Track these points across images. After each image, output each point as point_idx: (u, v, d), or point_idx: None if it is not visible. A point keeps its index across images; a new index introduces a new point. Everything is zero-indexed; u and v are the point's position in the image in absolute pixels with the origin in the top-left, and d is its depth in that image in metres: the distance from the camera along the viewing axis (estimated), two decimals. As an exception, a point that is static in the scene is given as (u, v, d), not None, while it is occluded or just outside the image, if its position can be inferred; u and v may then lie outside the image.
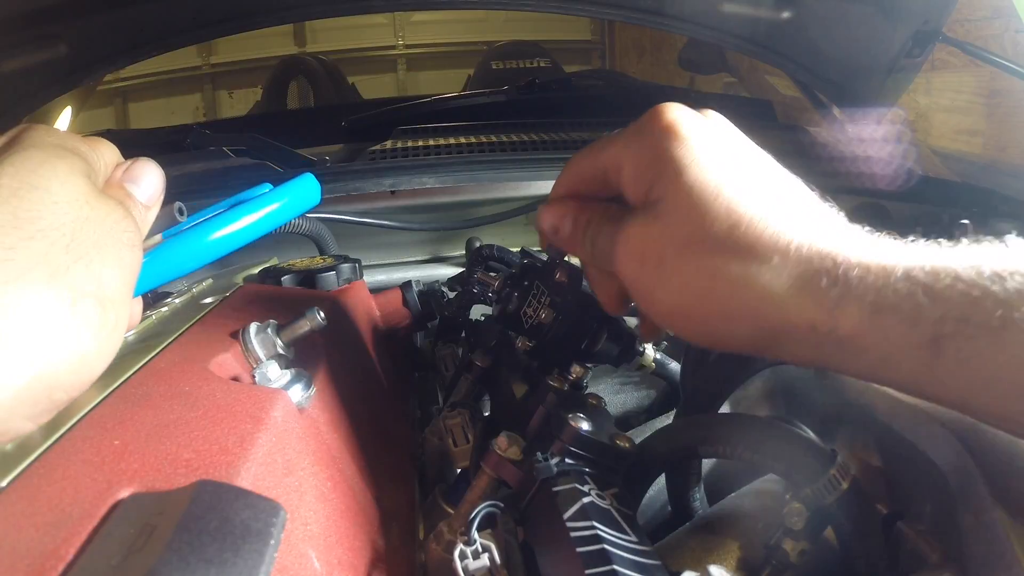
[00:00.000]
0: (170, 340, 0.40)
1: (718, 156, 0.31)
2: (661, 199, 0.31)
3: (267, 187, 0.46)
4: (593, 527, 0.28)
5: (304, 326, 0.41)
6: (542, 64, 2.02)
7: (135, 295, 0.34)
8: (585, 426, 0.34)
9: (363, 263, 0.69)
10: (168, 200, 0.34)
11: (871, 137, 0.93)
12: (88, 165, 0.29)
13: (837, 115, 1.04)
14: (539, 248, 0.70)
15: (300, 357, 0.46)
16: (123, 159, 0.33)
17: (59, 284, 0.25)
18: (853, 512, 0.31)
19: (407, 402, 0.66)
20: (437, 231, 0.89)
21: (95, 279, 0.26)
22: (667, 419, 0.53)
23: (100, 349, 0.27)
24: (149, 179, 0.33)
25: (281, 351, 0.41)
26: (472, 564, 0.31)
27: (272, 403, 0.33)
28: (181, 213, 0.35)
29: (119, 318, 0.28)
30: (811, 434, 0.34)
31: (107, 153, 0.31)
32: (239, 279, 0.64)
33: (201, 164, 0.82)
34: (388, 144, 0.92)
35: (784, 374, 0.47)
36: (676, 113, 0.32)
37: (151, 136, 1.18)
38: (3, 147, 0.27)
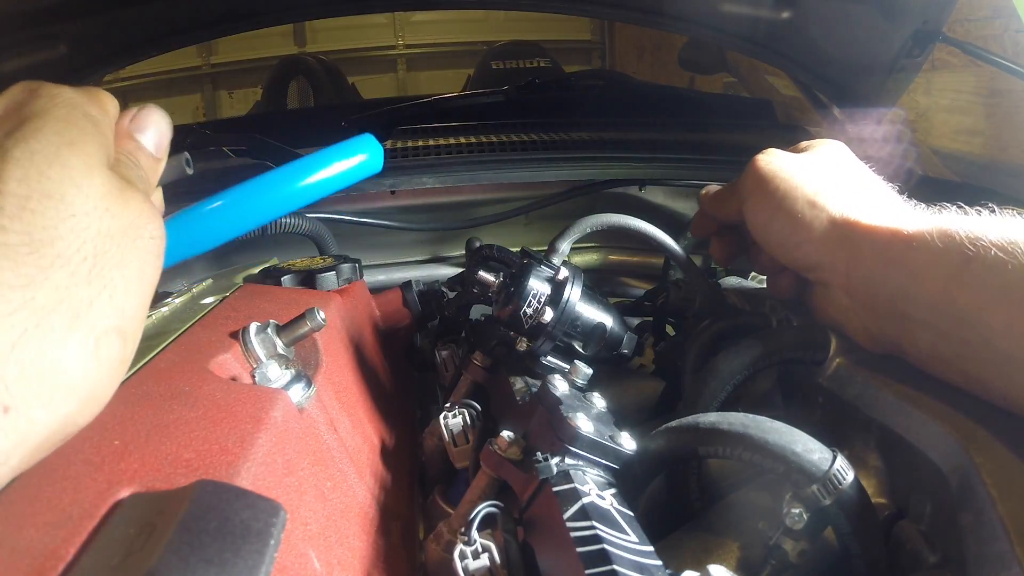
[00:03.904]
0: (170, 340, 0.40)
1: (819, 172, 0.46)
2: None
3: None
4: (593, 527, 0.28)
5: (304, 326, 0.41)
6: (542, 64, 2.02)
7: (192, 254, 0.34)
8: (585, 426, 0.34)
9: (363, 263, 0.69)
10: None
11: (871, 137, 0.93)
12: (103, 136, 0.27)
13: (837, 115, 1.04)
14: (539, 248, 0.70)
15: (300, 357, 0.46)
16: (119, 109, 0.30)
17: (82, 325, 0.23)
18: (853, 512, 0.31)
19: (407, 402, 0.66)
20: (437, 231, 0.89)
21: (118, 310, 0.24)
22: (667, 419, 0.53)
23: (114, 383, 0.26)
24: (157, 127, 0.31)
25: (281, 351, 0.41)
26: (472, 564, 0.31)
27: (272, 403, 0.33)
28: (188, 164, 0.35)
29: (136, 346, 0.26)
30: (811, 434, 0.33)
31: (110, 106, 0.29)
32: (239, 279, 0.64)
33: (201, 164, 0.82)
34: (388, 144, 0.92)
35: (784, 374, 0.47)
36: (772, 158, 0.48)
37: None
38: (2, 120, 0.24)
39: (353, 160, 0.45)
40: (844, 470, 0.31)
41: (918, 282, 0.36)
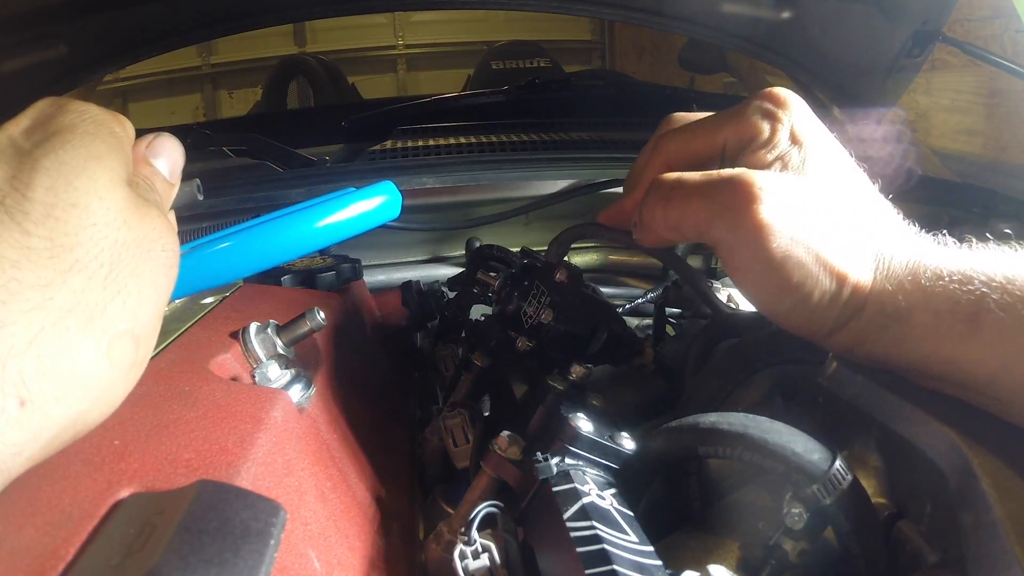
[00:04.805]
0: (170, 340, 0.40)
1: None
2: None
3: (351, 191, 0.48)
4: (593, 527, 0.28)
5: (304, 326, 0.41)
6: (542, 64, 2.02)
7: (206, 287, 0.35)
8: (585, 426, 0.34)
9: (363, 263, 0.69)
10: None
11: (871, 137, 0.93)
12: (125, 154, 0.28)
13: (837, 115, 1.04)
14: (539, 248, 0.70)
15: (300, 357, 0.46)
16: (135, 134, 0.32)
17: (96, 327, 0.24)
18: (853, 512, 0.30)
19: (407, 402, 0.66)
20: (437, 231, 0.89)
21: (131, 315, 0.25)
22: (667, 419, 0.53)
23: (127, 386, 0.26)
24: (171, 154, 0.32)
25: (281, 351, 0.41)
26: (472, 564, 0.31)
27: (272, 403, 0.33)
28: (199, 190, 0.36)
29: (149, 351, 0.27)
30: (811, 434, 0.34)
31: (130, 128, 0.30)
32: (239, 279, 0.64)
33: (201, 164, 0.82)
34: (388, 144, 0.92)
35: (784, 374, 0.47)
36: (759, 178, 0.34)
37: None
38: (31, 131, 0.25)
39: (371, 203, 0.46)
40: (844, 470, 0.31)
41: (924, 350, 0.32)
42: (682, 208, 0.35)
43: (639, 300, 0.76)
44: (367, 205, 0.45)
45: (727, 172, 0.34)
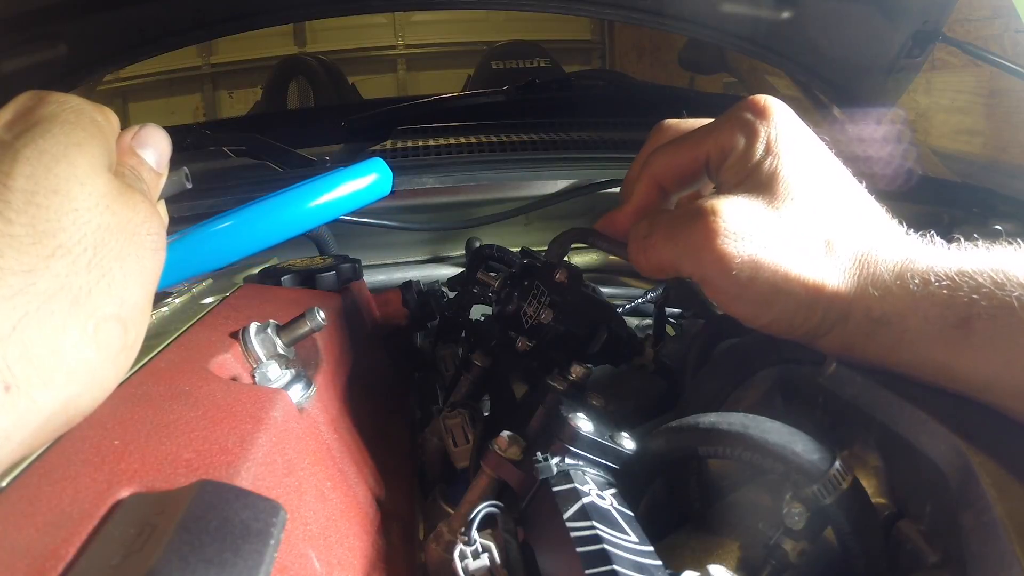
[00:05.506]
0: (170, 340, 0.40)
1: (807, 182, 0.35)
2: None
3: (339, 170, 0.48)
4: (593, 527, 0.28)
5: (304, 326, 0.41)
6: (542, 64, 2.02)
7: (209, 269, 0.35)
8: (585, 426, 0.34)
9: (363, 263, 0.69)
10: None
11: (871, 137, 0.93)
12: (107, 142, 0.28)
13: (837, 115, 1.04)
14: (539, 248, 0.70)
15: (300, 357, 0.46)
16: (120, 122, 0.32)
17: (81, 311, 0.24)
18: (853, 512, 0.31)
19: (407, 402, 0.66)
20: (437, 231, 0.89)
21: (117, 299, 0.25)
22: (667, 419, 0.53)
23: (118, 371, 0.27)
24: (158, 144, 0.32)
25: (281, 351, 0.41)
26: (472, 564, 0.31)
27: (272, 403, 0.33)
28: (188, 179, 0.36)
29: (139, 335, 0.27)
30: (811, 434, 0.33)
31: (113, 118, 0.31)
32: (239, 279, 0.64)
33: (201, 164, 0.82)
34: (388, 144, 0.92)
35: (784, 374, 0.47)
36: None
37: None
38: (12, 123, 0.26)
39: (362, 182, 0.46)
40: (844, 470, 0.31)
41: (918, 355, 0.32)
42: (657, 255, 0.37)
43: (639, 300, 0.76)
44: (358, 183, 0.46)
45: (689, 209, 0.35)
